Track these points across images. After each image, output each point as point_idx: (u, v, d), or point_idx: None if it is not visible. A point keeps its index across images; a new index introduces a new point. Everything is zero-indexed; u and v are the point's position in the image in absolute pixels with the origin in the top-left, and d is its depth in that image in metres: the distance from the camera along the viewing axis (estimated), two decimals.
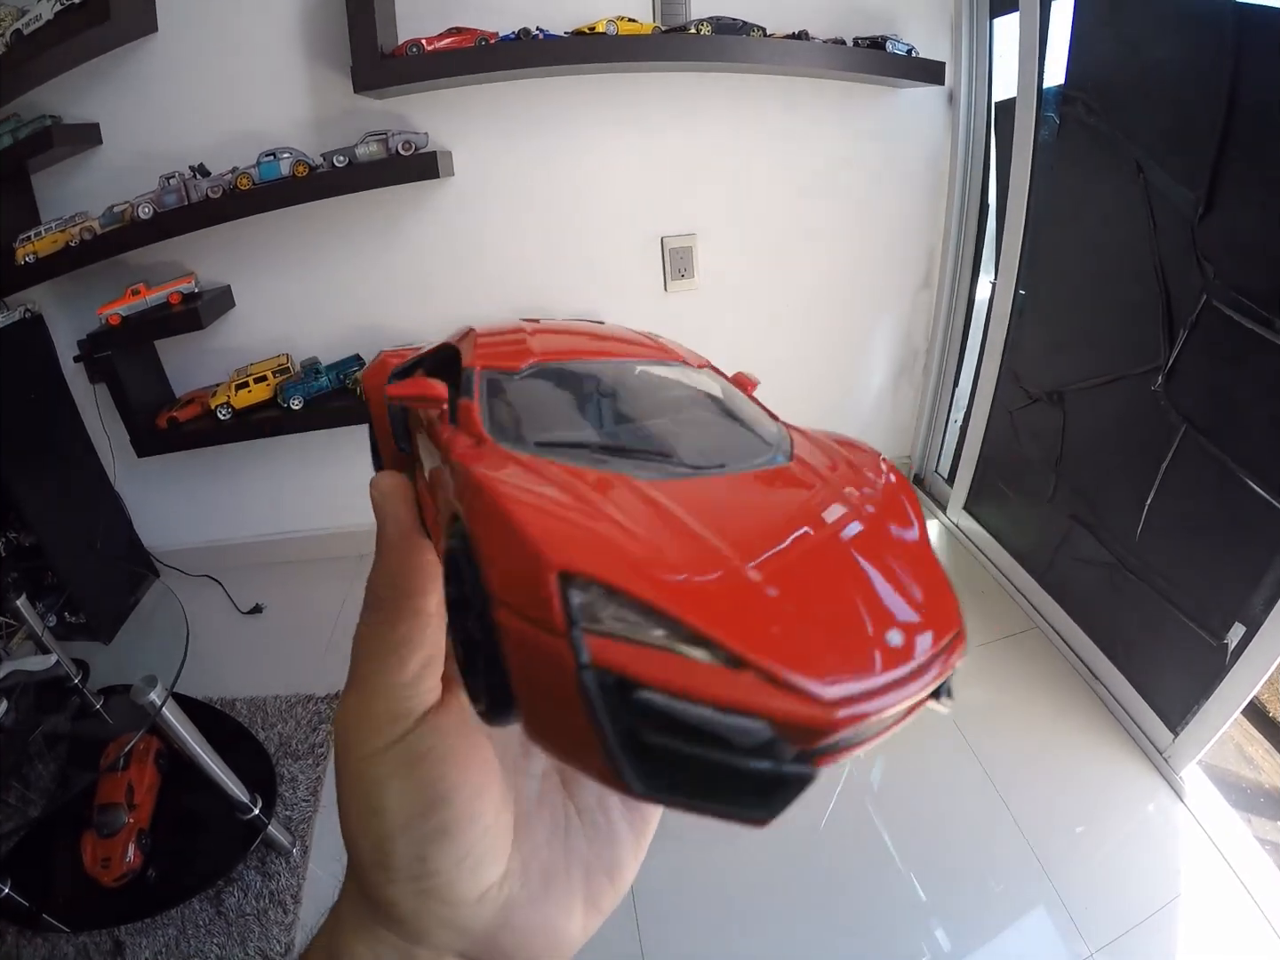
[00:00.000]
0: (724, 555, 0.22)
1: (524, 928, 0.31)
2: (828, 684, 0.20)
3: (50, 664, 1.51)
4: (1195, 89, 1.50)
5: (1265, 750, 1.77)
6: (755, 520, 0.26)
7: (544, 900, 0.32)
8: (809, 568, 0.23)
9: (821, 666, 0.20)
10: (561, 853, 0.34)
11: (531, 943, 0.32)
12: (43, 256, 1.88)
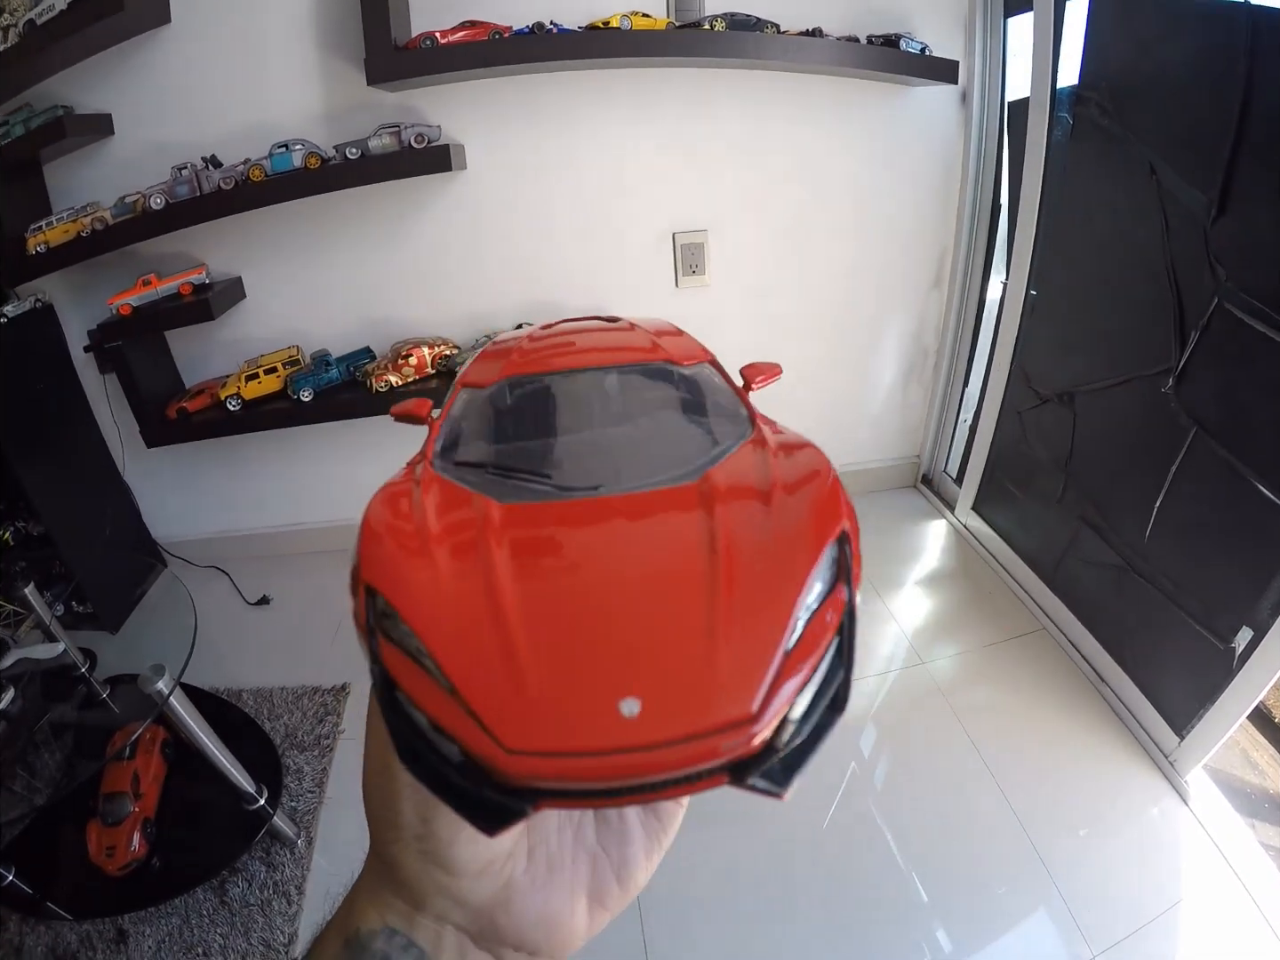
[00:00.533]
0: (502, 592, 0.25)
1: (522, 912, 0.32)
2: (519, 736, 0.21)
3: (58, 652, 1.51)
4: (1209, 91, 1.49)
5: (1271, 756, 1.77)
6: (566, 559, 0.27)
7: (546, 887, 0.33)
8: (583, 614, 0.24)
9: (521, 718, 0.22)
10: (570, 843, 0.34)
11: (528, 929, 0.32)
12: (54, 246, 1.89)
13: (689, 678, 0.23)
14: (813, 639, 0.24)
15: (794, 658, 0.24)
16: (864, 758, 1.83)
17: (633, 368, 0.37)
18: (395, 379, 2.08)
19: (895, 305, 2.56)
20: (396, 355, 2.12)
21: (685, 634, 0.24)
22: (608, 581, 0.25)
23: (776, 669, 0.23)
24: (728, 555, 0.26)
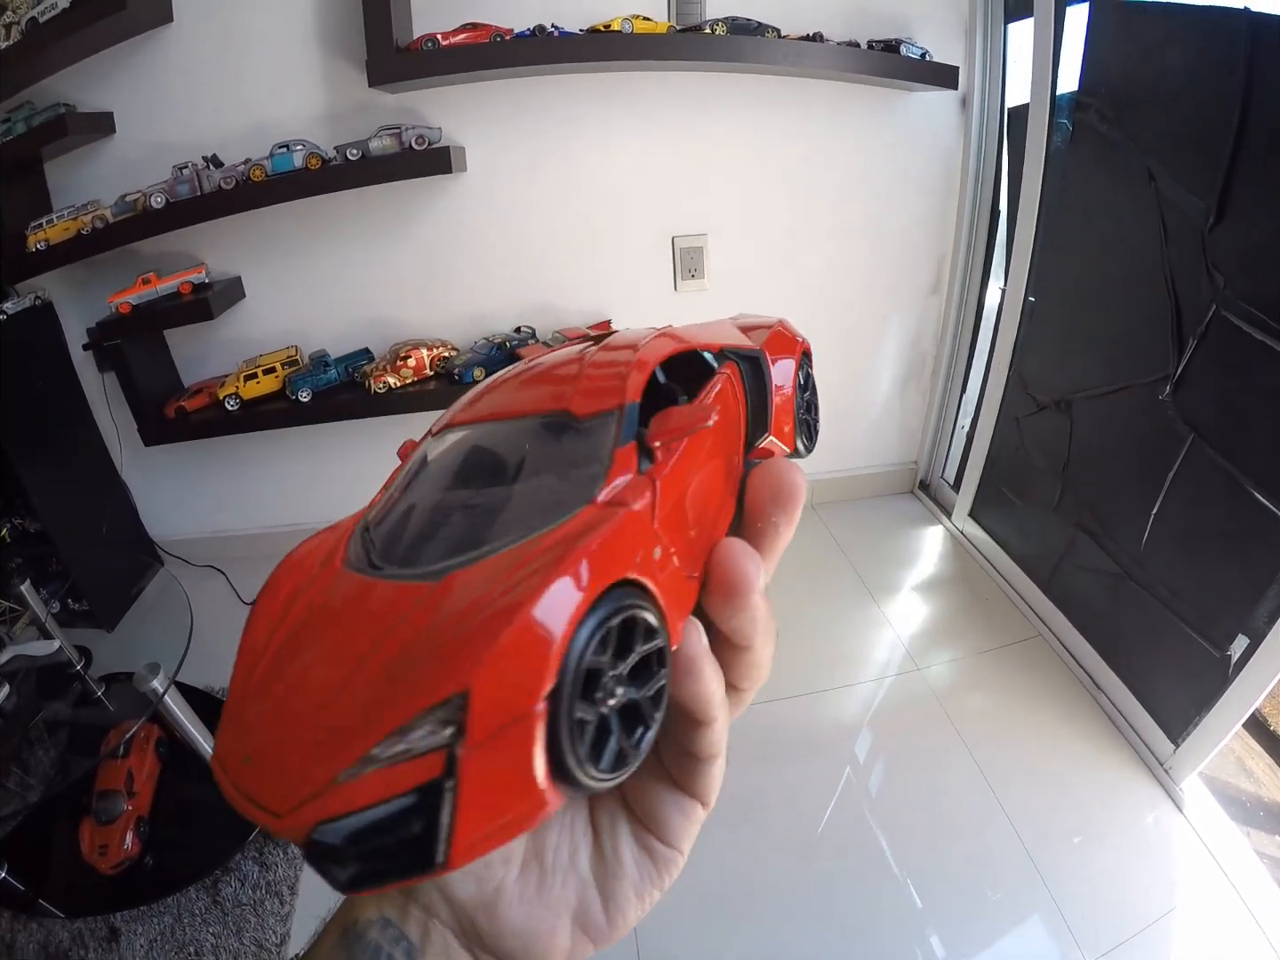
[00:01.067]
0: (257, 673, 0.28)
1: (504, 919, 0.32)
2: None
3: (53, 650, 1.51)
4: (1208, 98, 1.49)
5: (1266, 764, 1.76)
6: (310, 632, 0.28)
7: (532, 901, 0.33)
8: (293, 687, 0.26)
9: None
10: (565, 863, 0.35)
11: (507, 936, 0.32)
12: (54, 244, 1.89)
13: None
14: (396, 775, 0.23)
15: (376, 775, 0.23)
16: (859, 763, 1.83)
17: (532, 419, 0.33)
18: (394, 380, 2.08)
19: (894, 310, 2.56)
20: (395, 356, 2.12)
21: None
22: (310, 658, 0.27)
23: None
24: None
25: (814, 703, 1.96)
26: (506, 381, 0.37)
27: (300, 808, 0.23)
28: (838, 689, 2.01)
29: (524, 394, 0.35)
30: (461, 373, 2.07)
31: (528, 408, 0.33)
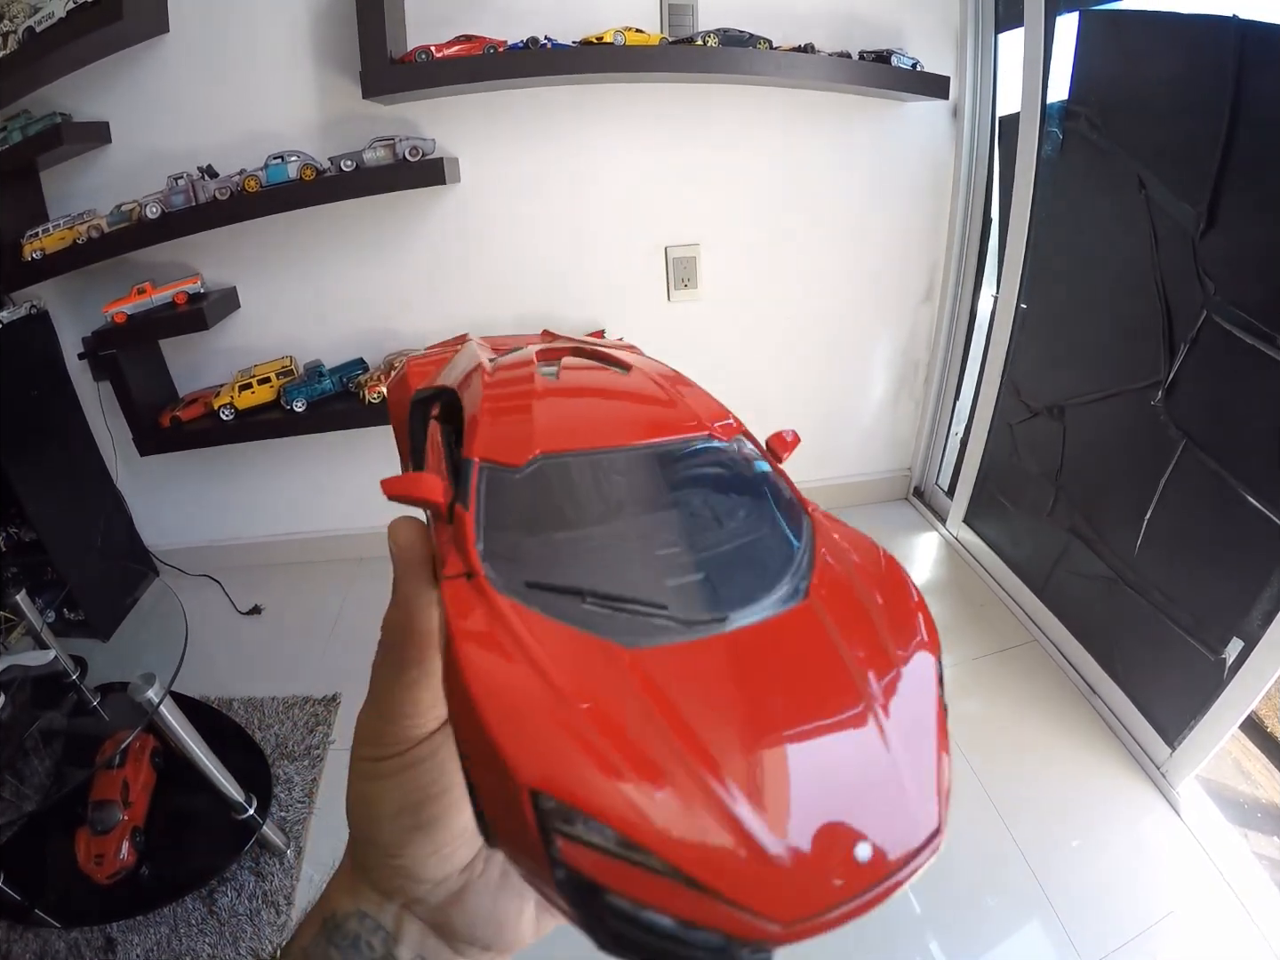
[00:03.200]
0: (698, 770, 0.22)
1: (474, 911, 0.35)
2: (782, 914, 0.20)
3: (48, 660, 1.51)
4: (1197, 105, 1.51)
5: (1263, 766, 1.77)
6: (740, 715, 0.24)
7: (498, 892, 0.35)
8: (776, 767, 0.23)
9: (775, 897, 0.20)
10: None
11: (478, 925, 0.35)
12: (50, 253, 1.90)
13: (893, 808, 0.23)
14: (946, 740, 0.25)
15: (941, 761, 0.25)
16: None
17: (674, 443, 0.32)
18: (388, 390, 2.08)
19: (886, 318, 2.57)
20: (389, 366, 2.13)
21: (871, 767, 0.24)
22: (781, 733, 0.23)
23: (941, 777, 0.25)
24: (878, 678, 0.26)
25: None
26: (566, 399, 0.34)
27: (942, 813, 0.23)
28: None
29: (629, 420, 0.34)
30: None
31: (653, 435, 0.32)
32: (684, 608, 0.26)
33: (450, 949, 0.35)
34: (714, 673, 0.24)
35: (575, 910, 0.21)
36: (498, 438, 0.30)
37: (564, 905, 0.21)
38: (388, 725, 0.32)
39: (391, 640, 0.32)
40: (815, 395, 2.64)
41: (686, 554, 0.28)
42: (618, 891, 0.20)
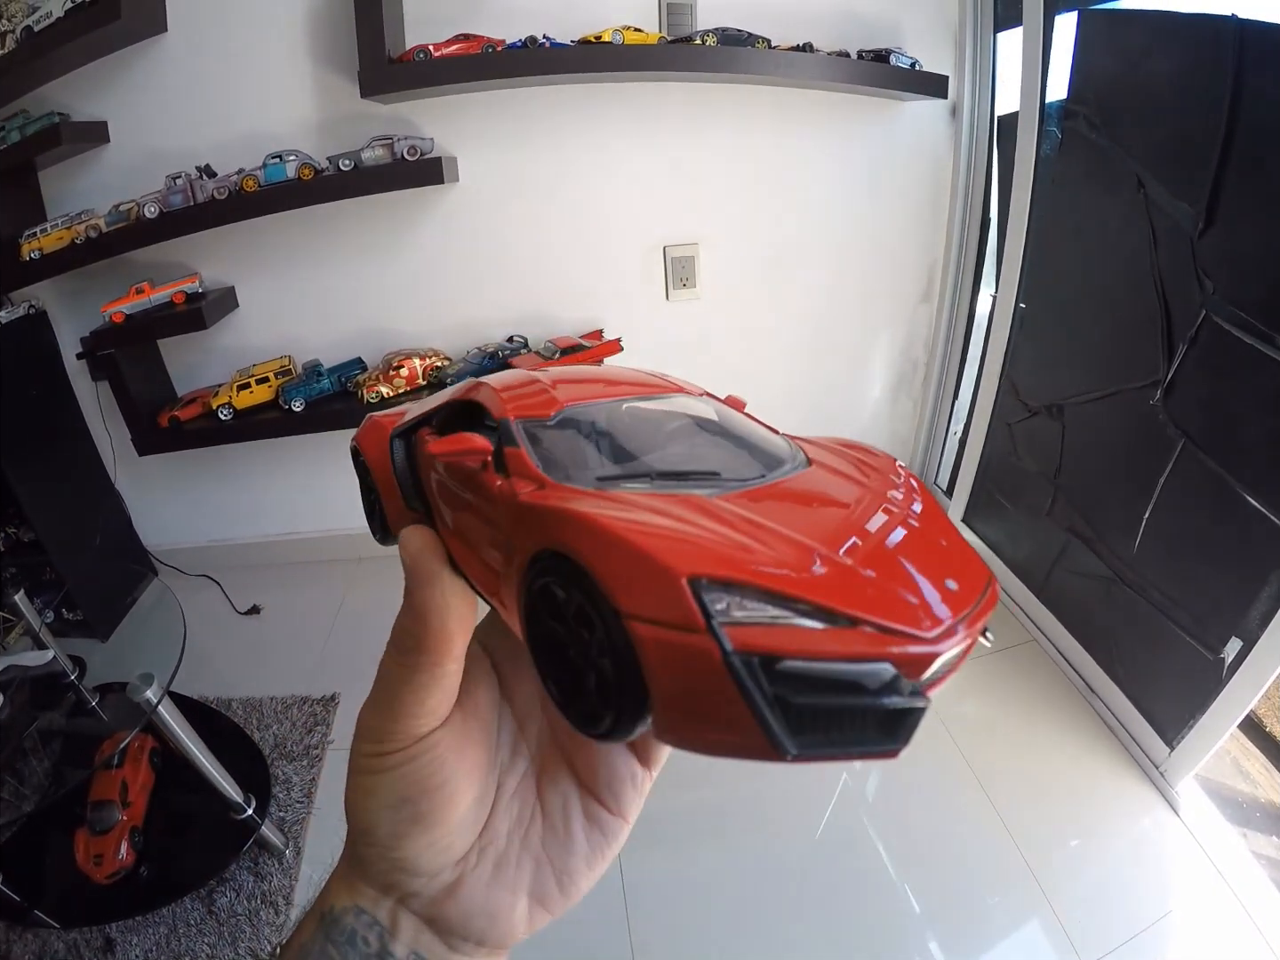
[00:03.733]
0: (810, 546, 0.25)
1: (468, 903, 0.35)
2: (925, 626, 0.23)
3: (47, 660, 1.51)
4: (1196, 104, 1.50)
5: (1261, 765, 1.77)
6: (817, 514, 0.30)
7: (491, 885, 0.36)
8: (877, 545, 0.27)
9: (915, 615, 0.24)
10: (517, 847, 0.37)
11: (473, 919, 0.35)
12: (48, 253, 1.90)
13: (957, 566, 0.28)
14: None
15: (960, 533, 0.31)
16: (855, 769, 1.83)
17: (661, 398, 0.38)
18: (386, 390, 2.08)
19: (885, 318, 2.57)
20: (388, 366, 2.12)
21: (934, 545, 0.29)
22: (850, 520, 0.29)
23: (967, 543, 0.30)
24: (898, 502, 0.31)
25: None
26: (581, 380, 0.39)
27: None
28: None
29: (626, 386, 0.39)
30: (453, 382, 2.06)
31: (643, 391, 0.38)
32: (731, 473, 0.31)
33: (445, 944, 0.36)
34: (777, 501, 0.29)
35: (755, 693, 0.21)
36: (525, 405, 0.34)
37: (741, 696, 0.21)
38: (391, 724, 0.33)
39: (404, 645, 0.33)
40: (814, 394, 2.64)
41: (708, 450, 0.34)
42: (790, 654, 0.22)
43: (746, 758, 0.22)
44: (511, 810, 0.38)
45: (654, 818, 1.57)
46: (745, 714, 0.21)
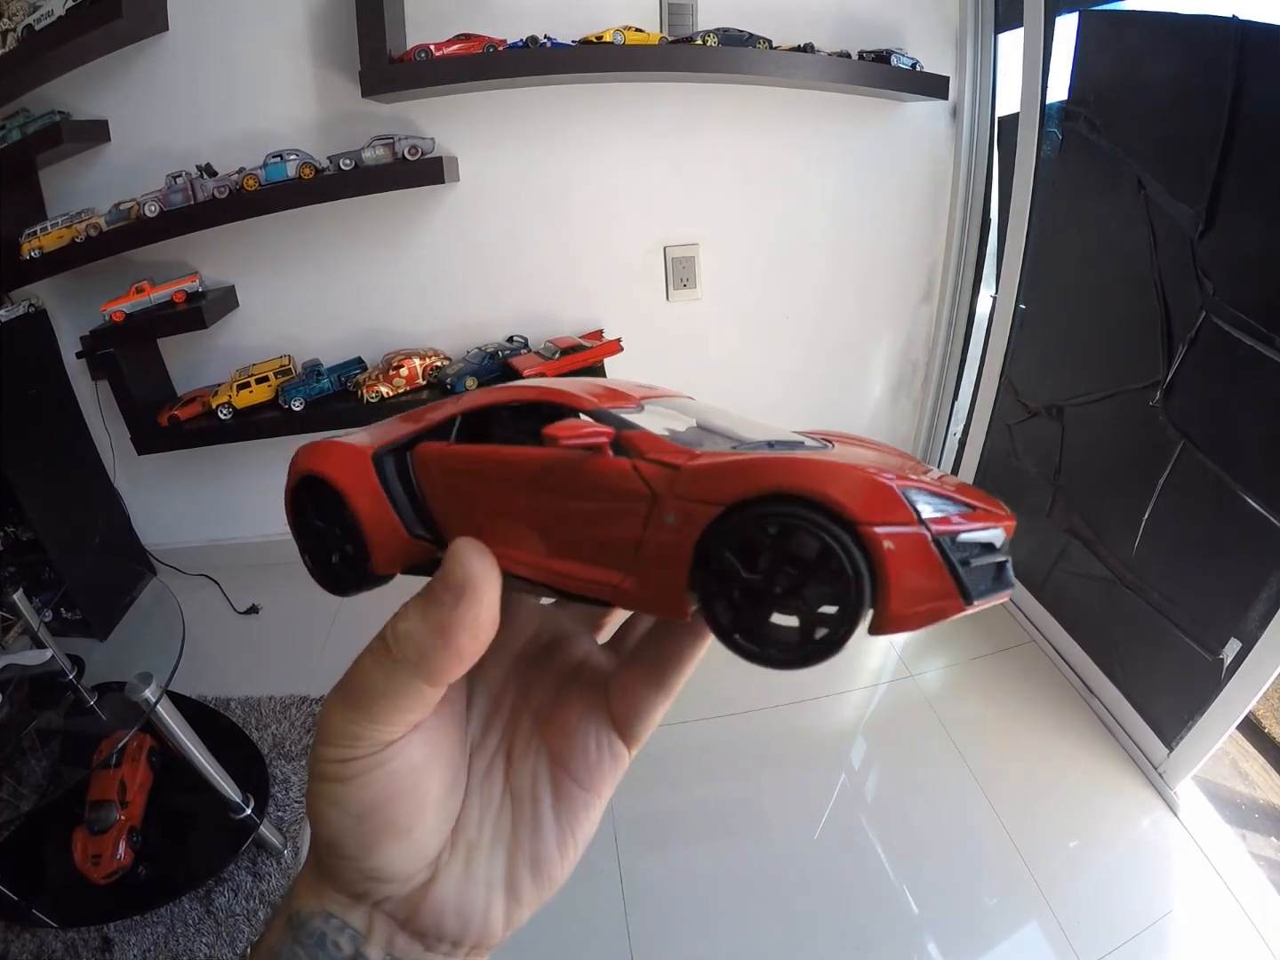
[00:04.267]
0: (910, 468, 0.32)
1: (440, 902, 0.33)
2: (1004, 510, 0.32)
3: (45, 659, 1.50)
4: (1196, 105, 1.51)
5: (1260, 766, 1.77)
6: (884, 457, 0.36)
7: (464, 880, 0.34)
8: (940, 480, 0.31)
9: (996, 503, 0.32)
10: (489, 833, 0.36)
11: (447, 917, 0.34)
12: (48, 252, 1.89)
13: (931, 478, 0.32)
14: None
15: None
16: (854, 770, 1.83)
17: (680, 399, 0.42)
18: (386, 390, 2.08)
19: (885, 318, 2.57)
20: (388, 366, 2.12)
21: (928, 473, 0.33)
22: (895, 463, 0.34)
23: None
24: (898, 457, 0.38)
25: (808, 710, 1.96)
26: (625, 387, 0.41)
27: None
28: (831, 696, 2.01)
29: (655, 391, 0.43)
30: (454, 382, 2.07)
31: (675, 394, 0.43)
32: (811, 446, 0.35)
33: (421, 945, 0.34)
34: (868, 454, 0.36)
35: (954, 563, 0.27)
36: (606, 399, 0.36)
37: (946, 568, 0.27)
38: (363, 729, 0.31)
39: (403, 654, 0.30)
40: (813, 394, 2.64)
41: (768, 430, 0.37)
42: (961, 530, 0.28)
43: (938, 618, 0.27)
44: (482, 793, 0.36)
45: (654, 818, 1.58)
46: (947, 578, 0.26)
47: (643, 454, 0.31)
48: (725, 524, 0.28)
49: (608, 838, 1.64)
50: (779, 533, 0.27)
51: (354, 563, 0.40)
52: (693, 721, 1.89)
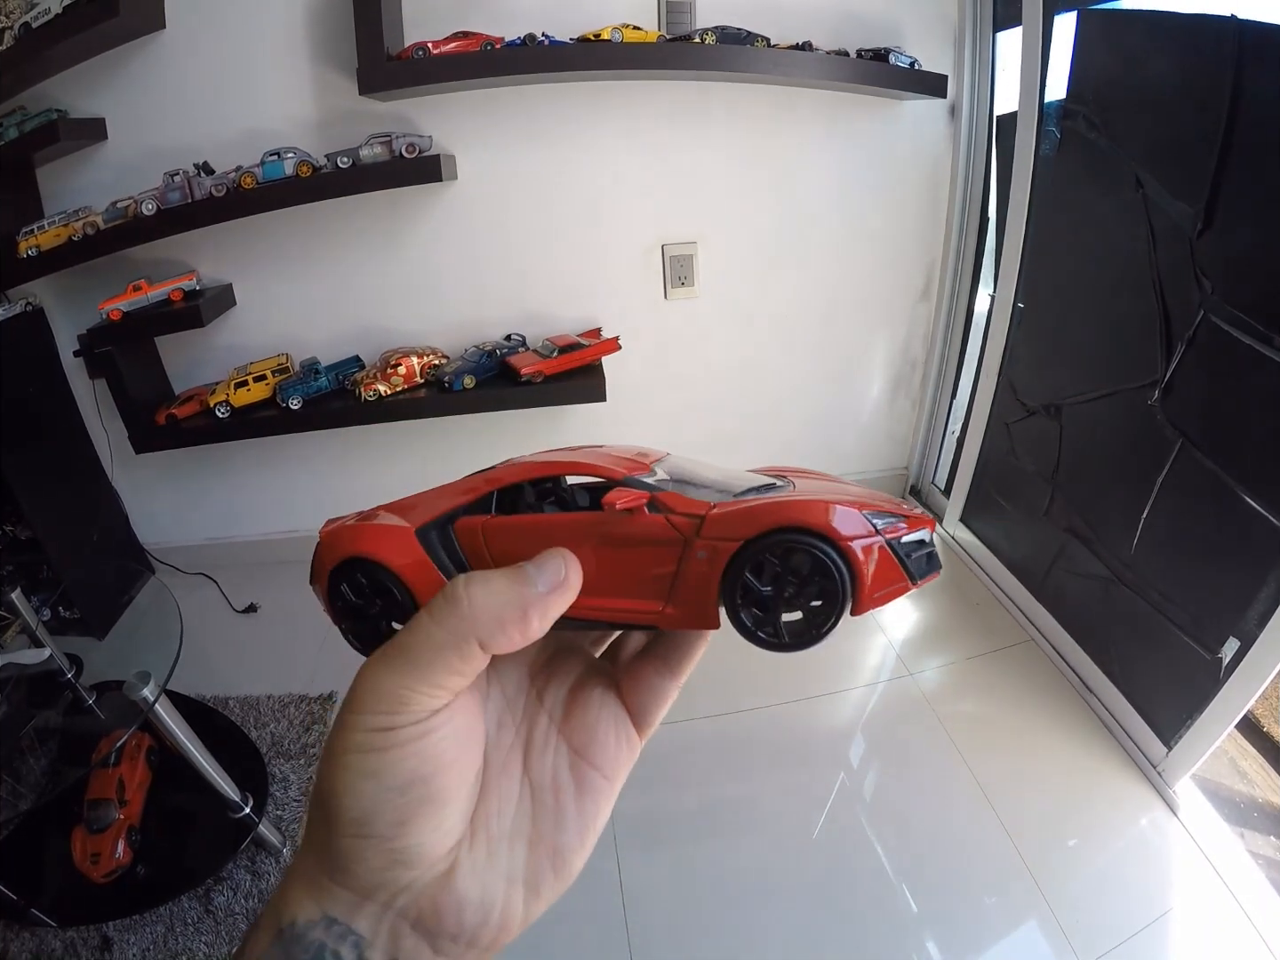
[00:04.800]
0: (861, 493, 0.42)
1: (462, 892, 0.33)
2: (926, 517, 0.40)
3: (44, 658, 1.50)
4: (1195, 104, 1.51)
5: (1259, 765, 1.77)
6: (837, 488, 0.45)
7: (486, 870, 0.34)
8: (875, 497, 0.41)
9: (920, 513, 0.40)
10: (509, 826, 0.36)
11: (466, 911, 0.33)
12: (45, 250, 1.89)
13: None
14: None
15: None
16: (853, 769, 1.83)
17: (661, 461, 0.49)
18: (384, 388, 2.08)
19: (884, 317, 2.57)
20: (385, 364, 2.12)
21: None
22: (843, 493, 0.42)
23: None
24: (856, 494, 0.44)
25: (807, 709, 1.96)
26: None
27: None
28: (831, 695, 2.01)
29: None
30: (452, 380, 2.07)
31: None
32: (776, 485, 0.44)
33: (430, 948, 0.33)
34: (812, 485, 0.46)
35: (903, 558, 0.37)
36: (629, 467, 0.42)
37: (899, 564, 0.36)
38: (415, 690, 0.31)
39: (476, 615, 0.32)
40: (812, 394, 2.64)
41: (743, 477, 0.45)
42: (902, 535, 0.37)
43: (896, 597, 0.37)
44: (500, 788, 0.37)
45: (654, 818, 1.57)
46: (898, 569, 0.36)
47: (672, 510, 0.39)
48: (744, 554, 0.36)
49: (608, 838, 1.64)
50: (783, 554, 0.36)
51: (398, 617, 0.43)
52: (693, 721, 1.89)
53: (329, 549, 0.44)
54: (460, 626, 0.32)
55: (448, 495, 0.45)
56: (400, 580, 0.42)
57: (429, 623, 0.32)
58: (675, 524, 0.38)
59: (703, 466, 0.46)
